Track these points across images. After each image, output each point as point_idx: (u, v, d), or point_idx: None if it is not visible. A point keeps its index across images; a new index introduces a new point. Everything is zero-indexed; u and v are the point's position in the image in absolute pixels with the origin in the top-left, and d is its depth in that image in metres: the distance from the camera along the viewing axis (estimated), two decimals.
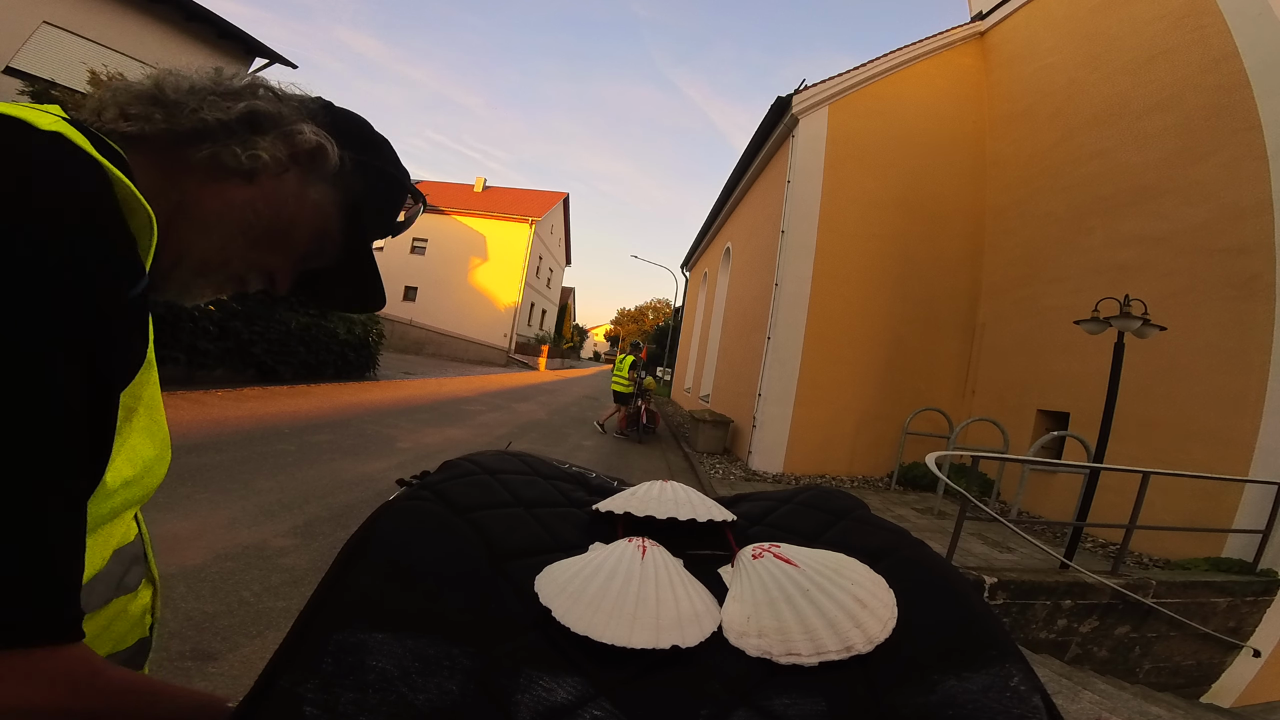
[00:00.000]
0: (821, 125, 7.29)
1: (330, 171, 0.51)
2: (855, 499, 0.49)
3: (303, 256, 0.53)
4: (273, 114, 0.49)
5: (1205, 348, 4.75)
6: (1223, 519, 4.36)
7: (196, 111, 0.45)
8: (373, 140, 0.57)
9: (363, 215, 0.55)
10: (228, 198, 0.47)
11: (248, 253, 0.49)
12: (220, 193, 0.46)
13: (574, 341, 46.40)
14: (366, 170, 0.54)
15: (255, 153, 0.47)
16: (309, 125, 0.50)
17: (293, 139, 0.49)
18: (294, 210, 0.50)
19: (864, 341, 7.43)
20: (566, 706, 0.26)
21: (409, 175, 0.61)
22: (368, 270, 0.59)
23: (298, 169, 0.50)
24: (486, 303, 24.99)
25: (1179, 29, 5.40)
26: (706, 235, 14.55)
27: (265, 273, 0.52)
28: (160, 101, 0.45)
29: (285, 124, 0.49)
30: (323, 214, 0.52)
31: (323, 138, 0.50)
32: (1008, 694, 0.29)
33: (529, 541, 0.38)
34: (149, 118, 0.44)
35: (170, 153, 0.45)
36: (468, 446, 5.91)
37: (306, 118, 0.51)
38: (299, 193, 0.50)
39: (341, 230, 0.54)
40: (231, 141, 0.46)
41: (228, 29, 9.14)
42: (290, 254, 0.52)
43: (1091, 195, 6.15)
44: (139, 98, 0.45)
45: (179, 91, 0.46)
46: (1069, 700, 2.62)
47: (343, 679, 0.25)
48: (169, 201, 0.44)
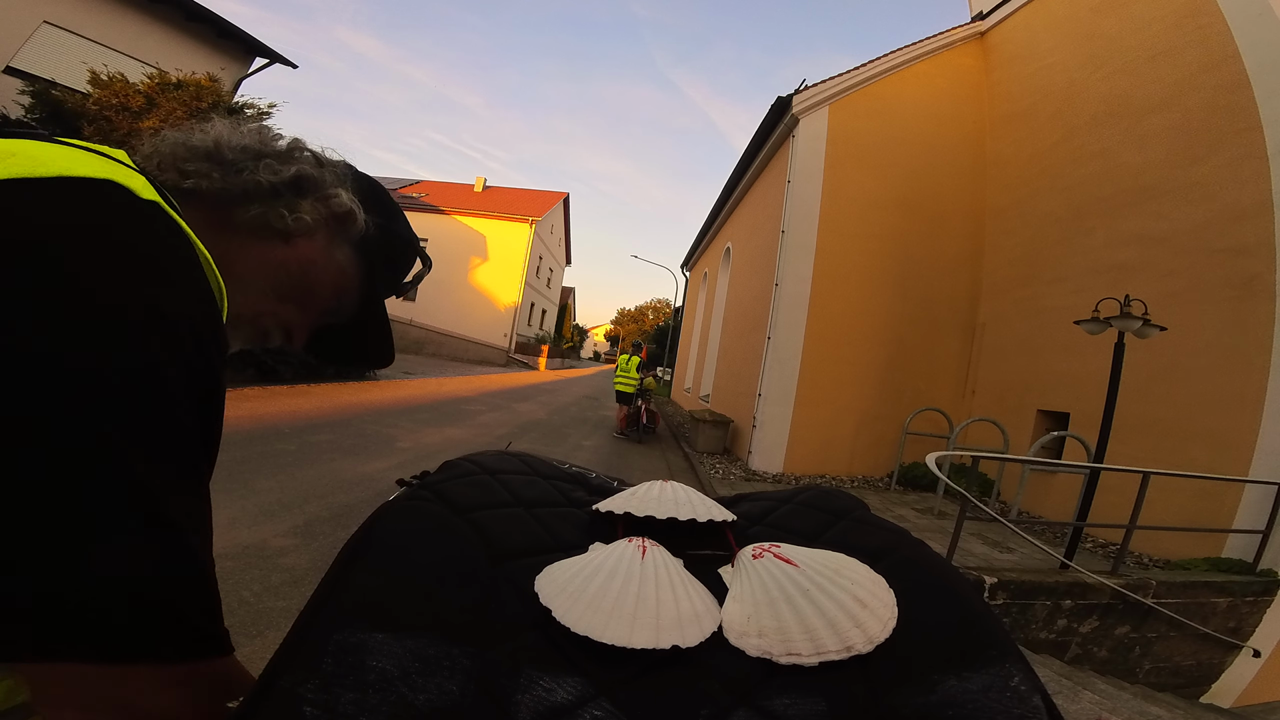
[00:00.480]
0: (822, 125, 7.29)
1: (356, 235, 0.54)
2: (855, 499, 0.49)
3: (321, 314, 0.55)
4: (316, 178, 0.51)
5: (1205, 348, 4.75)
6: (1223, 519, 4.36)
7: (251, 173, 0.47)
8: (390, 206, 0.59)
9: (377, 275, 0.58)
10: (265, 256, 0.49)
11: (275, 309, 0.51)
12: (259, 251, 0.48)
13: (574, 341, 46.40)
14: (385, 234, 0.57)
15: (300, 216, 0.49)
16: (345, 191, 0.53)
17: (329, 203, 0.51)
18: (321, 270, 0.52)
19: (864, 341, 7.43)
20: (566, 706, 0.27)
21: (418, 239, 0.63)
22: (381, 328, 0.62)
23: (327, 231, 0.52)
24: (486, 302, 24.99)
25: (1179, 29, 5.40)
26: (706, 235, 14.55)
27: (286, 329, 0.54)
28: (218, 160, 0.47)
29: (325, 188, 0.51)
30: (345, 275, 0.55)
31: (354, 203, 0.53)
32: (1008, 694, 0.29)
33: (529, 541, 0.38)
34: (207, 175, 0.46)
35: (219, 210, 0.46)
36: (468, 446, 5.91)
37: (343, 183, 0.54)
38: (326, 254, 0.53)
39: (359, 290, 0.57)
40: (278, 204, 0.48)
41: (228, 29, 9.13)
42: (311, 311, 0.54)
43: (1092, 195, 6.15)
44: (196, 153, 0.47)
45: (235, 151, 0.48)
46: (1069, 700, 2.62)
47: (343, 679, 0.25)
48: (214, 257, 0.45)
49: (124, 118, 6.90)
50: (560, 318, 35.10)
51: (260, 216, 0.47)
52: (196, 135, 0.49)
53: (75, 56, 7.48)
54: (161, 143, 0.48)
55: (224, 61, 9.40)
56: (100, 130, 6.80)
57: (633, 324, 68.72)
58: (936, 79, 7.93)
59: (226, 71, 9.18)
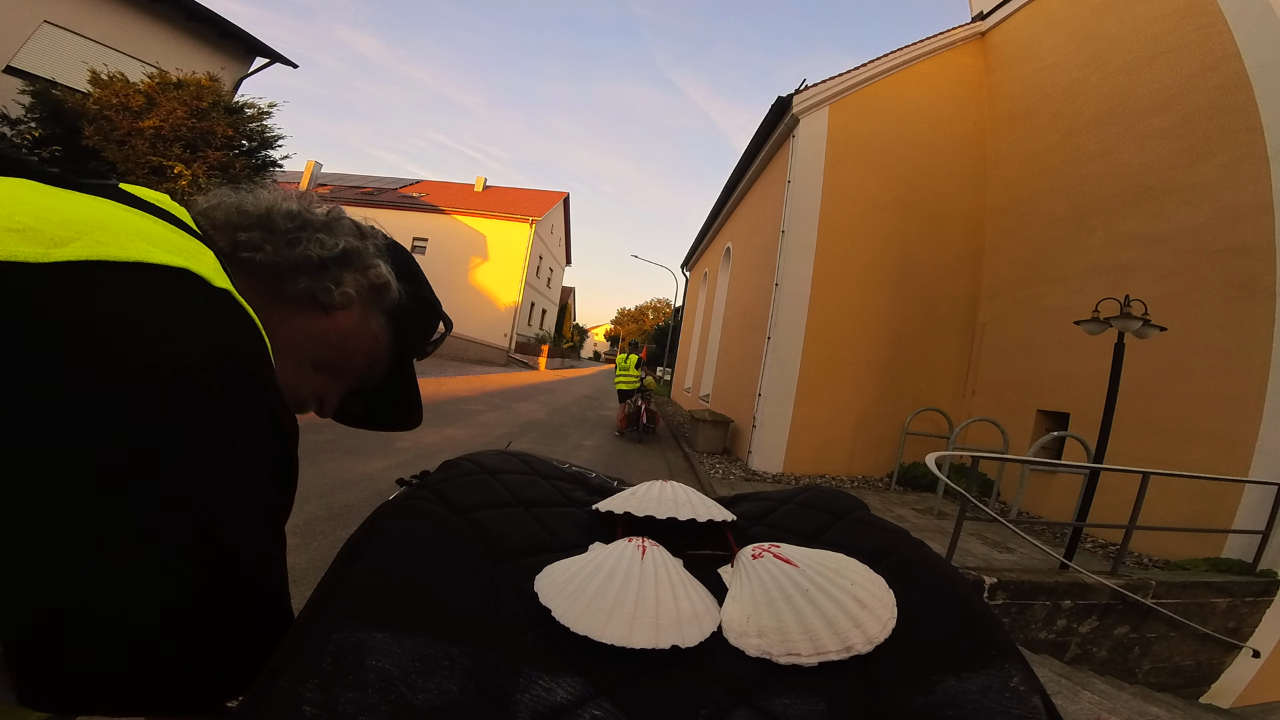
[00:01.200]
0: (822, 125, 7.29)
1: (389, 304, 0.54)
2: (855, 499, 0.49)
3: (353, 382, 0.56)
4: (360, 251, 0.51)
5: (1205, 348, 4.75)
6: (1222, 519, 4.36)
7: (303, 246, 0.47)
8: (416, 271, 0.60)
9: (408, 341, 0.58)
10: (306, 327, 0.49)
11: (311, 379, 0.51)
12: (301, 322, 0.48)
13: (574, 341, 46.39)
14: (414, 300, 0.57)
15: (346, 290, 0.49)
16: (385, 262, 0.53)
17: (368, 274, 0.51)
18: (357, 340, 0.52)
19: (864, 341, 7.43)
20: (566, 706, 0.27)
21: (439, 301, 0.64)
22: (409, 390, 0.62)
23: (364, 302, 0.52)
24: (486, 302, 24.98)
25: (1180, 29, 5.40)
26: (707, 235, 14.55)
27: (319, 398, 0.54)
28: (270, 229, 0.47)
29: (366, 260, 0.52)
30: (378, 343, 0.55)
31: (391, 275, 0.53)
32: (1007, 694, 0.29)
33: (529, 541, 0.38)
34: (260, 246, 0.46)
35: (268, 281, 0.46)
36: (468, 446, 5.91)
37: (383, 254, 0.54)
38: (362, 324, 0.53)
39: (390, 356, 0.57)
40: (325, 277, 0.48)
41: (228, 28, 9.13)
42: (344, 380, 0.54)
43: (1092, 195, 6.14)
44: (248, 220, 0.47)
45: (285, 219, 0.48)
46: (1068, 700, 2.62)
47: (342, 678, 0.25)
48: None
49: (124, 117, 6.90)
50: (560, 317, 35.10)
51: (307, 290, 0.47)
52: (249, 200, 0.49)
53: (75, 56, 7.49)
54: (217, 206, 0.48)
55: (224, 61, 9.40)
56: (100, 130, 6.81)
57: (633, 324, 68.71)
58: (937, 79, 7.93)
59: (227, 71, 9.18)
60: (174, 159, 7.05)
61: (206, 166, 7.23)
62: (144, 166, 6.94)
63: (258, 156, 8.26)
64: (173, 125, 7.05)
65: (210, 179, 7.18)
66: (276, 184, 0.55)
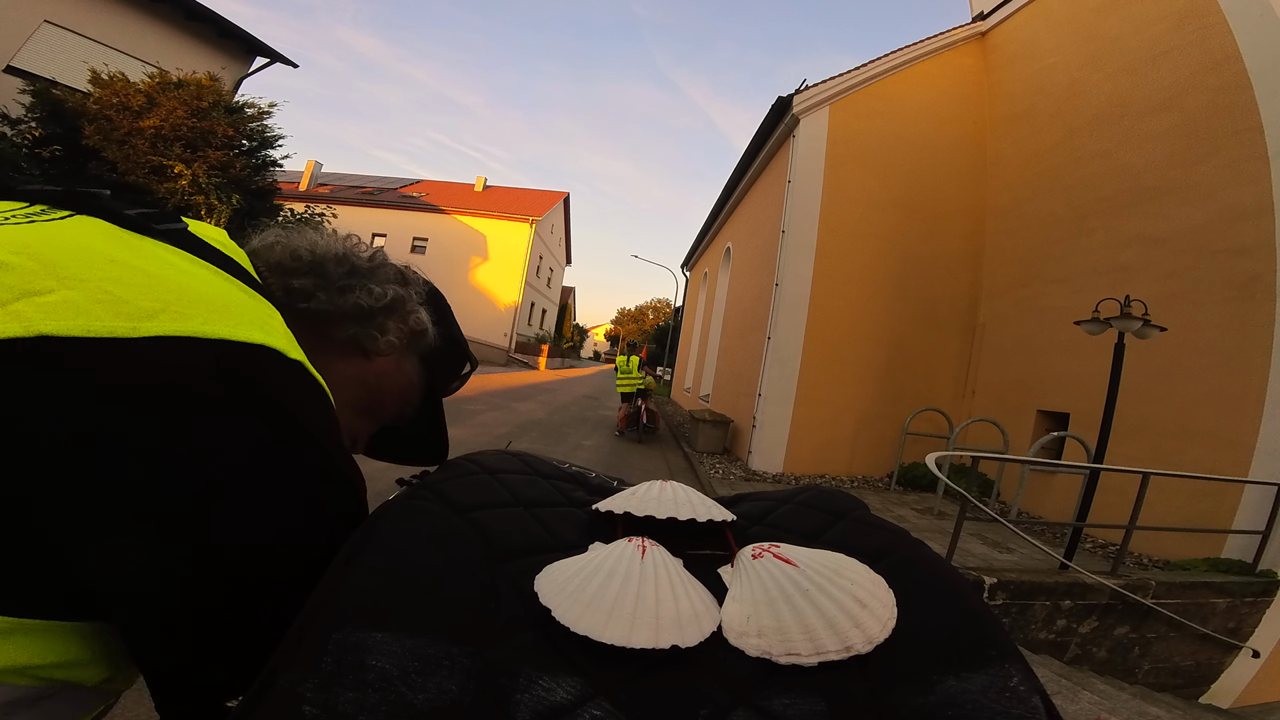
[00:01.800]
0: (822, 125, 7.29)
1: (424, 348, 0.56)
2: (855, 499, 0.49)
3: (385, 422, 0.57)
4: (404, 299, 0.53)
5: (1205, 348, 4.75)
6: (1222, 520, 4.36)
7: (355, 296, 0.49)
8: (447, 312, 0.61)
9: (439, 381, 0.60)
10: (348, 371, 0.50)
11: (350, 421, 0.52)
12: (343, 366, 0.49)
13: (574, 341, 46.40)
14: (447, 343, 0.59)
15: (390, 338, 0.51)
16: (425, 309, 0.55)
17: (408, 320, 0.53)
18: (393, 383, 0.54)
19: (864, 341, 7.43)
20: (566, 706, 0.27)
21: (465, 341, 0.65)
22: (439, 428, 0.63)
23: (403, 346, 0.54)
24: (487, 302, 24.99)
25: (1180, 30, 5.40)
26: (707, 235, 14.55)
27: (353, 438, 0.55)
28: (323, 277, 0.48)
29: (409, 307, 0.53)
30: (413, 385, 0.56)
31: (429, 321, 0.55)
32: (1007, 694, 0.29)
33: (529, 541, 0.38)
34: (313, 295, 0.47)
35: (317, 328, 0.47)
36: (467, 446, 5.90)
37: (424, 300, 0.55)
38: (399, 367, 0.54)
39: (421, 395, 0.58)
40: (371, 325, 0.49)
41: (229, 28, 9.14)
42: (378, 420, 0.56)
43: (1092, 196, 6.14)
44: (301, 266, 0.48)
45: (336, 265, 0.49)
46: (1068, 700, 2.62)
47: (342, 678, 0.25)
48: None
49: (125, 117, 6.90)
50: (560, 317, 35.11)
51: (353, 336, 0.49)
52: (301, 244, 0.49)
53: (76, 56, 7.49)
54: (271, 248, 0.49)
55: (224, 61, 9.40)
56: (101, 130, 6.81)
57: (633, 324, 68.71)
58: (937, 79, 7.93)
59: (227, 71, 9.19)
60: (174, 159, 7.05)
61: (207, 166, 7.23)
62: (144, 166, 6.95)
63: (258, 156, 8.26)
64: (173, 125, 7.05)
65: (210, 178, 7.19)
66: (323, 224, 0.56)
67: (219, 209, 7.20)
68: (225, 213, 7.24)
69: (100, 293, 0.30)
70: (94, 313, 0.29)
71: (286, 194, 10.65)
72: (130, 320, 0.30)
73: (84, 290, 0.30)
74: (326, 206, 10.55)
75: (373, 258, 0.53)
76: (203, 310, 0.33)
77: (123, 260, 0.33)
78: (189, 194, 7.07)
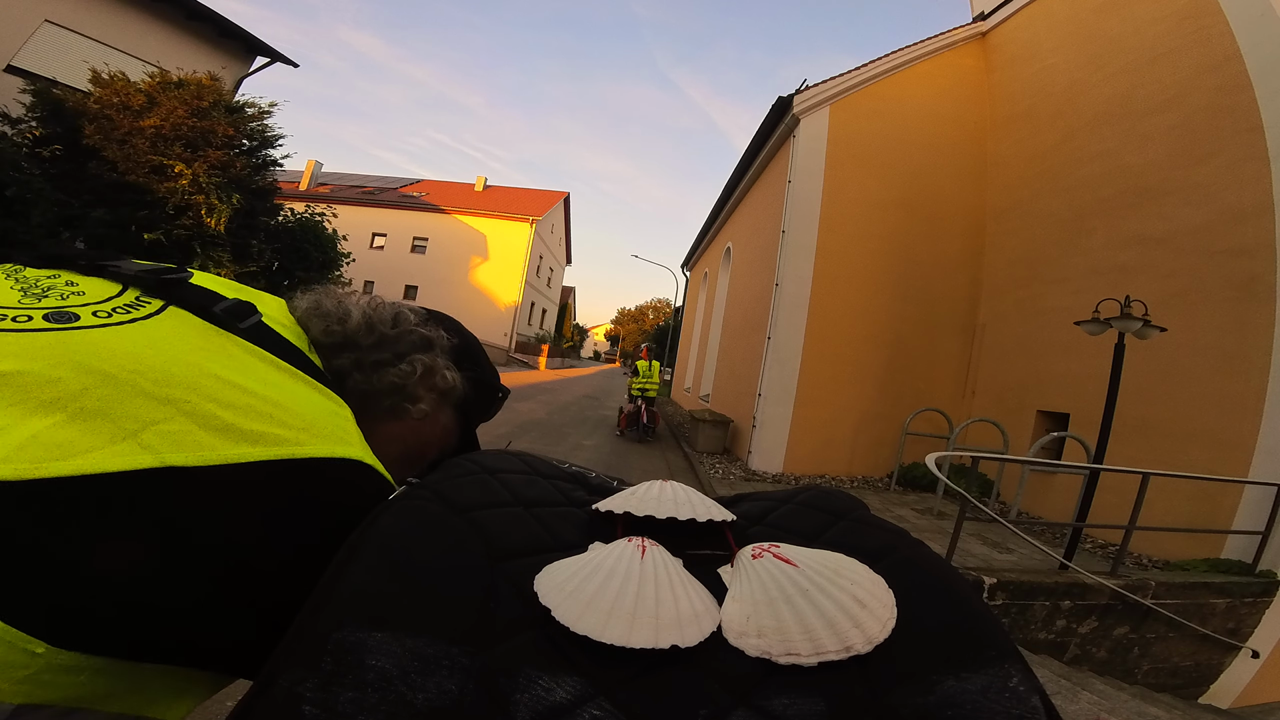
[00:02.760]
0: (822, 125, 7.29)
1: (457, 399, 0.60)
2: (855, 499, 0.49)
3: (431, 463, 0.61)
4: (432, 367, 0.56)
5: (1205, 349, 4.75)
6: (1222, 520, 4.36)
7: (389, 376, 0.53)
8: (476, 354, 0.65)
9: (475, 420, 0.64)
10: (389, 433, 0.54)
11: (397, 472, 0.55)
12: (388, 430, 0.54)
13: (574, 341, 46.42)
14: (479, 387, 0.63)
15: (422, 406, 0.55)
16: (452, 369, 0.58)
17: (436, 380, 0.57)
18: (431, 434, 0.59)
19: (864, 341, 7.43)
20: (566, 706, 0.27)
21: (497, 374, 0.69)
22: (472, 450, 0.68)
23: (437, 403, 0.58)
24: (487, 302, 25.00)
25: (1181, 30, 5.40)
26: (707, 235, 14.55)
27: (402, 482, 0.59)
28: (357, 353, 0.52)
29: (438, 374, 0.57)
30: (449, 431, 0.61)
31: (455, 375, 0.58)
32: (1006, 694, 0.29)
33: (528, 541, 0.38)
34: (350, 374, 0.52)
35: (358, 400, 0.51)
36: None
37: (449, 359, 0.59)
38: (435, 420, 0.58)
39: (460, 436, 0.63)
40: (405, 397, 0.54)
41: (229, 28, 9.14)
42: (421, 465, 0.60)
43: (1092, 196, 6.14)
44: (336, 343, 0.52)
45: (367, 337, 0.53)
46: (1068, 701, 2.63)
47: (342, 678, 0.25)
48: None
49: (125, 116, 6.90)
50: (560, 317, 35.12)
51: (390, 408, 0.53)
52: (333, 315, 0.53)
53: (76, 55, 7.49)
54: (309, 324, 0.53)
55: (225, 60, 9.40)
56: (101, 129, 6.81)
57: (633, 324, 68.68)
58: (938, 79, 7.93)
59: (227, 70, 9.19)
60: (174, 158, 7.05)
61: (207, 166, 7.23)
62: (144, 166, 6.95)
63: (258, 156, 8.26)
64: (173, 124, 7.05)
65: (210, 178, 7.19)
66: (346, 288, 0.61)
67: (219, 209, 7.20)
68: (225, 212, 7.24)
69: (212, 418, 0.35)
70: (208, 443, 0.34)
71: (287, 194, 10.64)
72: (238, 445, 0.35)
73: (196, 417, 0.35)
74: (327, 206, 10.54)
75: (396, 320, 0.57)
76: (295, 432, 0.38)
77: (225, 377, 0.38)
78: (189, 193, 7.07)
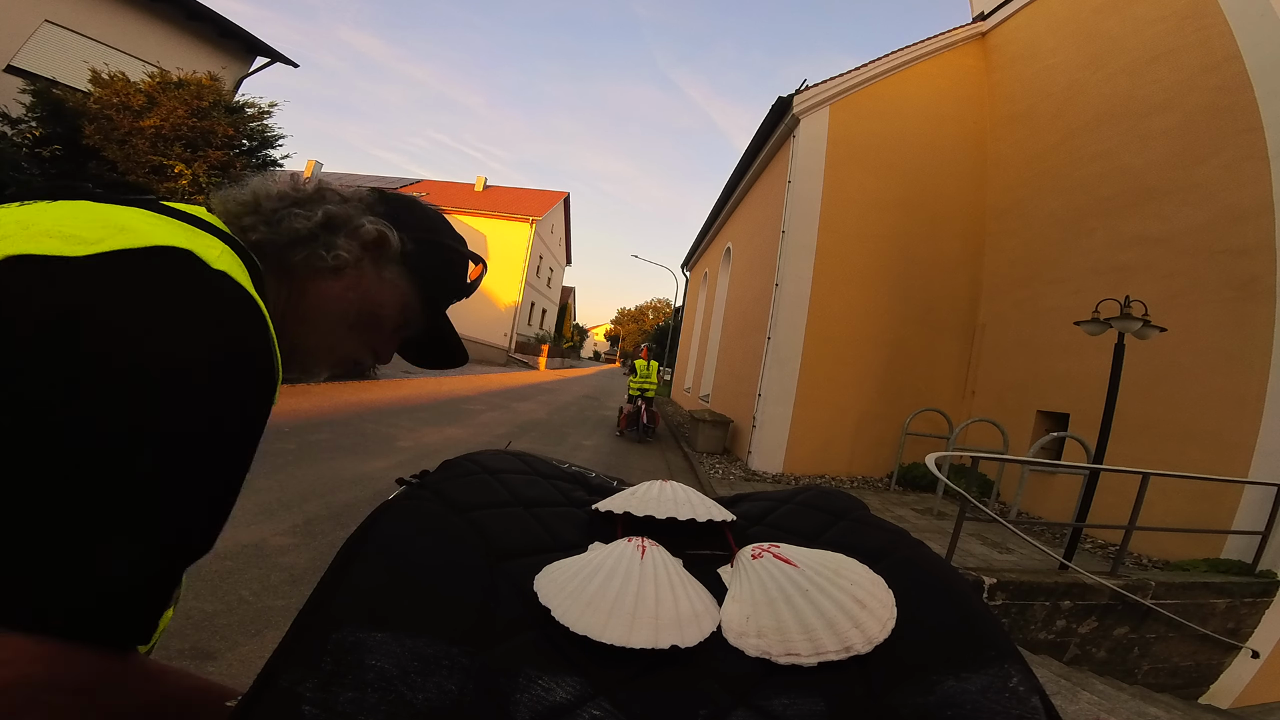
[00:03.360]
0: (822, 125, 7.29)
1: (396, 254, 0.58)
2: (855, 499, 0.49)
3: (395, 330, 0.61)
4: (341, 215, 0.56)
5: (1205, 349, 4.75)
6: (1222, 520, 4.36)
7: (288, 222, 0.53)
8: (429, 220, 0.64)
9: (434, 284, 0.62)
10: (323, 293, 0.54)
11: (348, 337, 0.57)
12: (316, 290, 0.54)
13: (574, 341, 46.42)
14: (429, 246, 0.62)
15: (339, 252, 0.54)
16: (369, 219, 0.57)
17: (358, 233, 0.56)
18: (377, 293, 0.58)
19: (864, 342, 7.43)
20: (565, 706, 0.27)
21: (465, 241, 0.68)
22: (447, 334, 0.69)
23: (370, 257, 0.57)
24: (487, 302, 24.99)
25: (1181, 30, 5.40)
26: (707, 235, 14.55)
27: (372, 351, 0.61)
28: (259, 212, 0.53)
29: (353, 222, 0.56)
30: (400, 290, 0.59)
31: (382, 226, 0.57)
32: (1006, 694, 0.29)
33: (529, 541, 0.38)
34: (255, 229, 0.52)
35: (276, 258, 0.52)
36: (467, 446, 5.92)
37: (366, 212, 0.58)
38: (377, 277, 0.58)
39: (420, 300, 0.61)
40: (317, 245, 0.53)
41: (229, 28, 9.13)
42: (385, 330, 0.60)
43: (1092, 196, 6.15)
44: (245, 208, 0.53)
45: (271, 201, 0.54)
46: (1067, 701, 2.63)
47: (342, 678, 0.25)
48: (283, 300, 0.53)
49: (125, 116, 6.90)
50: (560, 317, 35.11)
51: (306, 260, 0.53)
52: (241, 190, 0.54)
53: (76, 55, 7.48)
54: (221, 200, 0.53)
55: (225, 60, 9.40)
56: (101, 129, 6.81)
57: (633, 324, 68.67)
58: (937, 79, 7.93)
59: (227, 70, 9.19)
60: (174, 158, 7.05)
61: (207, 166, 7.23)
62: (144, 166, 6.95)
63: (258, 156, 8.26)
64: (173, 124, 7.05)
65: (211, 178, 7.19)
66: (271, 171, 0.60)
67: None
68: None
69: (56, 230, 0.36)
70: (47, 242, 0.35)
71: None
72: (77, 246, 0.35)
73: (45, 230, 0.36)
74: None
75: (317, 189, 0.57)
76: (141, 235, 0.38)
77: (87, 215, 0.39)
78: (189, 194, 7.06)
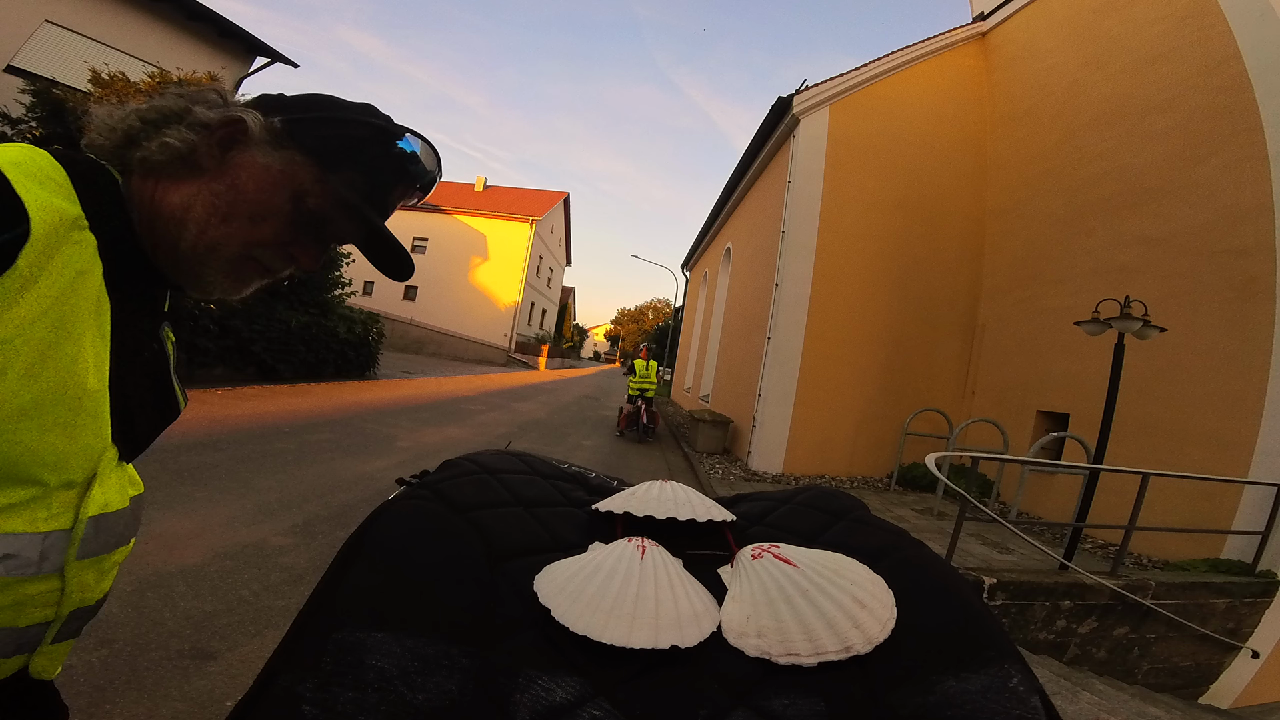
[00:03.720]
0: (822, 126, 7.29)
1: (262, 137, 0.54)
2: (854, 499, 0.49)
3: (296, 224, 0.55)
4: (177, 109, 0.54)
5: (1205, 349, 4.74)
6: (1222, 520, 4.36)
7: (123, 126, 0.53)
8: (314, 100, 0.58)
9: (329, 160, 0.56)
10: (183, 191, 0.52)
11: (233, 233, 0.53)
12: (175, 189, 0.52)
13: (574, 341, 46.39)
14: (313, 122, 0.56)
15: (165, 141, 0.51)
16: (201, 108, 0.54)
17: (193, 121, 0.53)
18: (254, 181, 0.53)
19: (864, 342, 7.43)
20: (565, 706, 0.26)
21: (382, 115, 0.60)
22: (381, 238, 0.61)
23: (220, 144, 0.53)
24: (487, 302, 24.99)
25: (1181, 30, 5.40)
26: (707, 235, 14.55)
27: (281, 251, 0.56)
28: (101, 128, 0.53)
29: (192, 115, 0.53)
30: (287, 175, 0.54)
31: (233, 112, 0.54)
32: (1006, 694, 0.29)
33: (528, 541, 0.38)
34: (97, 140, 0.53)
35: (123, 165, 0.52)
36: (467, 446, 5.91)
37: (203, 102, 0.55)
38: (250, 164, 0.53)
39: (318, 186, 0.55)
40: (147, 140, 0.52)
41: (229, 28, 9.13)
42: (279, 222, 0.54)
43: (1092, 196, 6.14)
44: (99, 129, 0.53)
45: (115, 117, 0.54)
46: (1067, 701, 2.62)
47: (341, 678, 0.25)
48: (148, 204, 0.51)
49: None
50: (560, 317, 35.10)
51: (145, 158, 0.52)
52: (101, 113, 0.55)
53: (76, 55, 7.48)
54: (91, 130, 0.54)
55: (225, 60, 9.39)
56: None
57: (633, 324, 68.65)
58: (937, 79, 7.93)
59: (227, 70, 9.19)
60: None
61: None
62: None
63: None
64: None
65: None
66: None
67: None
68: None
69: None
70: None
71: None
72: None
73: None
74: None
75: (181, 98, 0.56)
76: None
77: None
78: None
